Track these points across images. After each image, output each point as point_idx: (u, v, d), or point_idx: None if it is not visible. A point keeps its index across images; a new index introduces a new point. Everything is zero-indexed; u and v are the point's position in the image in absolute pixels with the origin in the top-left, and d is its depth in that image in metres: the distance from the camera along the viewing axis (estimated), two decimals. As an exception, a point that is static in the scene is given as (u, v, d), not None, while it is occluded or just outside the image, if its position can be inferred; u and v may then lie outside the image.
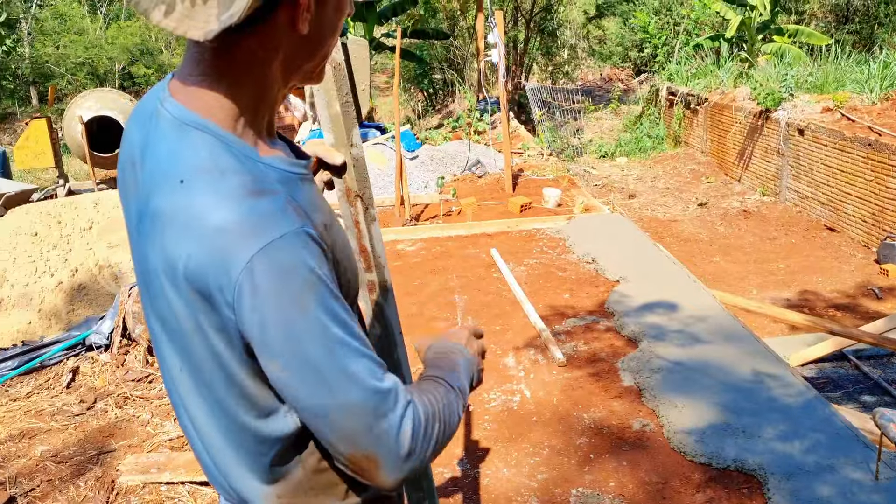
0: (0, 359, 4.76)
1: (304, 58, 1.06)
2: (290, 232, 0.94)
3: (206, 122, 1.00)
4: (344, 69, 1.55)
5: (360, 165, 1.56)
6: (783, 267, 8.41)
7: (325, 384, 0.95)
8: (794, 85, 10.57)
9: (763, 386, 3.57)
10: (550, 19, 18.90)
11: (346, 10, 1.08)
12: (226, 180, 0.95)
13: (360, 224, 1.59)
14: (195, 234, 0.93)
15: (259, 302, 0.92)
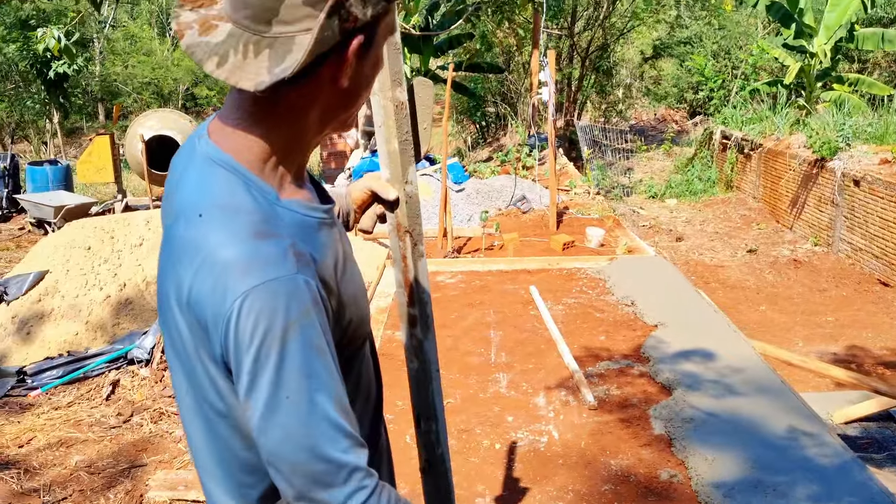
0: (46, 367, 4.93)
1: (341, 109, 1.12)
2: (285, 276, 0.98)
3: (234, 162, 1.06)
4: (406, 109, 1.59)
5: (412, 202, 1.59)
6: (832, 320, 8.20)
7: (279, 434, 0.98)
8: (852, 134, 10.38)
9: (798, 444, 3.48)
10: (606, 58, 18.93)
11: (381, 65, 1.14)
12: (238, 219, 1.01)
13: (407, 259, 1.62)
14: (202, 266, 0.99)
15: (239, 339, 0.96)
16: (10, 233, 10.08)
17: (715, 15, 19.15)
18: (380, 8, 1.01)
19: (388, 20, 1.10)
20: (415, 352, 1.72)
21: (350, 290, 1.17)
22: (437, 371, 1.76)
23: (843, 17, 13.00)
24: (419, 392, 1.74)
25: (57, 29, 9.44)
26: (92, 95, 22.05)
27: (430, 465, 1.79)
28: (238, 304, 0.96)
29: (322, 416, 0.99)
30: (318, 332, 1.01)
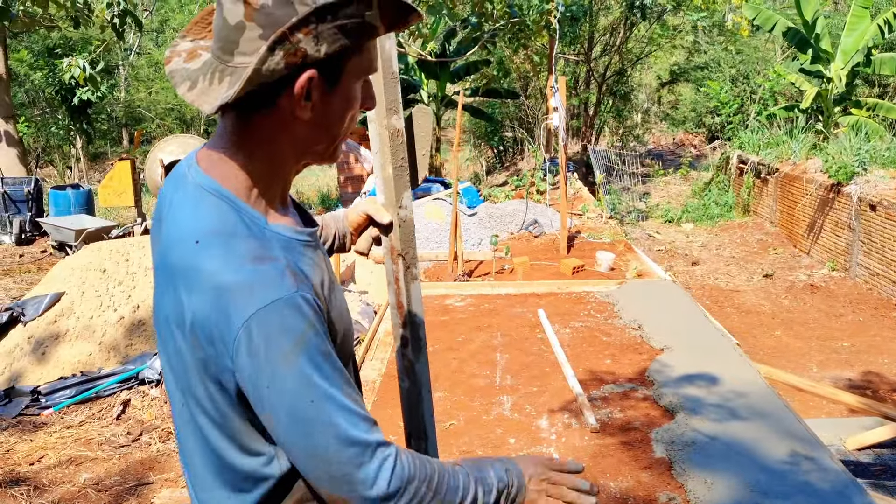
0: (59, 387, 5.02)
1: (312, 142, 1.18)
2: (286, 296, 1.04)
3: (224, 189, 1.13)
4: (402, 136, 1.65)
5: (406, 226, 1.65)
6: (848, 345, 8.12)
7: (308, 434, 1.05)
8: (869, 159, 10.33)
9: (799, 469, 3.46)
10: (624, 83, 19.02)
11: (355, 103, 1.18)
12: (234, 245, 1.07)
13: (399, 281, 1.67)
14: (204, 290, 1.05)
15: (253, 358, 1.03)
16: (33, 255, 10.28)
17: (732, 40, 19.19)
18: (336, 46, 1.06)
19: (362, 60, 1.14)
20: (406, 372, 1.77)
21: (336, 306, 1.23)
22: (429, 392, 1.80)
23: (860, 41, 13.00)
24: (410, 412, 1.79)
25: (82, 58, 9.71)
26: (116, 121, 22.52)
27: None
28: (247, 326, 1.02)
29: (341, 408, 1.06)
30: (323, 339, 1.08)
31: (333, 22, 1.04)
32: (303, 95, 1.09)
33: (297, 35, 1.03)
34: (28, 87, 19.55)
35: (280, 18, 1.03)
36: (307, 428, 1.05)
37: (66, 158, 19.47)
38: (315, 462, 1.06)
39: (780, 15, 14.44)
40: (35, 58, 18.11)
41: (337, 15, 1.04)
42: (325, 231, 1.66)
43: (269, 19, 1.03)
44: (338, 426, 1.05)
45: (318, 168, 20.65)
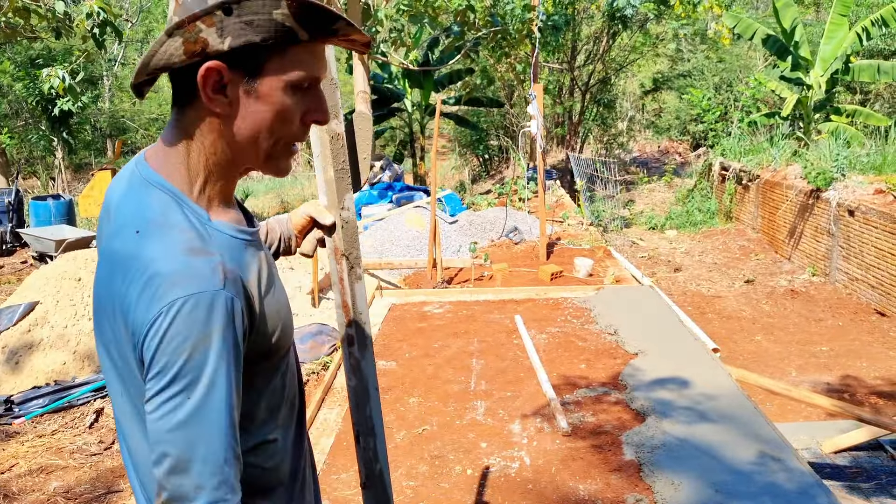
0: (33, 396, 4.99)
1: (241, 143, 1.17)
2: (210, 292, 1.06)
3: (168, 183, 1.15)
4: (342, 140, 1.68)
5: (349, 227, 1.68)
6: (827, 350, 8.17)
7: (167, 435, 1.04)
8: (847, 165, 10.42)
9: (765, 469, 3.48)
10: (607, 91, 19.12)
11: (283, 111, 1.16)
12: (172, 236, 1.09)
13: (343, 281, 1.70)
14: (136, 277, 1.07)
15: (157, 343, 1.04)
16: (13, 266, 10.22)
17: (714, 49, 19.36)
18: (241, 41, 1.07)
19: (287, 65, 1.13)
20: (353, 371, 1.79)
21: (273, 304, 1.24)
22: (376, 389, 1.83)
23: (839, 49, 13.14)
24: (358, 409, 1.81)
25: (62, 69, 9.68)
26: (101, 132, 22.46)
27: (369, 480, 1.84)
28: (163, 311, 1.03)
29: (216, 432, 1.05)
30: (234, 346, 1.08)
31: (240, 17, 1.06)
32: (208, 86, 1.10)
33: (197, 24, 1.05)
34: (11, 99, 19.47)
35: (191, 8, 1.06)
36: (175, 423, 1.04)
37: (49, 169, 19.38)
38: (161, 461, 1.05)
39: (759, 23, 14.58)
40: (17, 69, 18.05)
41: (243, 10, 1.06)
42: (270, 234, 1.67)
43: (184, 10, 1.06)
44: (198, 444, 1.04)
45: (304, 177, 20.64)
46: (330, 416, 4.47)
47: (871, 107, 18.63)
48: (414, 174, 16.73)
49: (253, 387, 1.23)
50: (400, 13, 11.14)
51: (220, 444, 1.05)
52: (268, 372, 1.27)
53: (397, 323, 6.05)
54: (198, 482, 1.04)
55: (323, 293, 6.54)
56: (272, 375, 1.29)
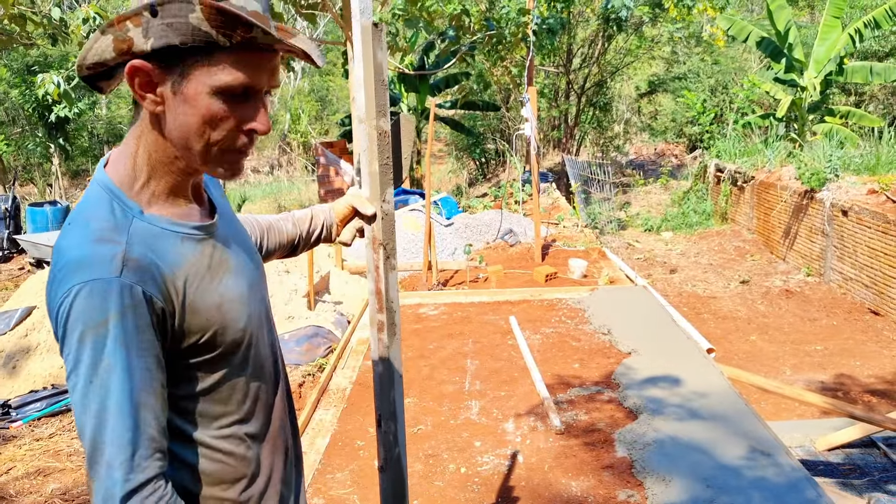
0: (30, 400, 5.03)
1: (178, 141, 1.21)
2: (104, 279, 1.10)
3: (109, 182, 1.22)
4: (388, 137, 1.76)
5: (388, 219, 1.75)
6: (821, 349, 8.22)
7: (83, 412, 1.10)
8: (841, 166, 10.48)
9: (755, 464, 3.52)
10: (603, 94, 19.19)
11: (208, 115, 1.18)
12: (87, 227, 1.15)
13: (379, 269, 1.76)
14: (55, 263, 1.15)
15: (63, 328, 1.11)
16: (10, 273, 10.25)
17: (709, 51, 19.44)
18: (162, 42, 1.12)
19: (214, 71, 1.16)
20: (381, 356, 1.84)
21: (210, 298, 1.26)
22: (401, 376, 1.88)
23: (832, 51, 13.21)
24: (383, 394, 1.86)
25: (57, 74, 9.72)
26: (98, 138, 22.51)
27: (387, 463, 1.89)
28: (65, 297, 1.09)
29: (118, 411, 1.10)
30: (134, 330, 1.12)
31: (162, 19, 1.11)
32: (135, 83, 1.16)
33: (126, 24, 1.12)
34: (7, 106, 19.51)
35: (132, 8, 1.14)
36: (86, 407, 1.10)
37: (46, 176, 19.43)
38: (81, 440, 1.12)
39: (753, 25, 14.65)
40: (14, 75, 18.08)
41: (165, 12, 1.11)
42: (314, 221, 1.77)
43: (132, 8, 1.14)
44: (103, 425, 1.09)
45: (301, 182, 20.68)
46: (325, 416, 4.50)
47: (865, 108, 18.71)
48: (411, 178, 16.78)
49: (195, 380, 1.27)
50: (395, 18, 11.20)
51: (125, 423, 1.10)
52: (214, 366, 1.29)
53: (393, 325, 6.08)
54: (108, 459, 1.09)
55: (318, 296, 6.58)
56: (221, 370, 1.30)
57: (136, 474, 1.11)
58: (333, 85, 30.22)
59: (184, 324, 1.21)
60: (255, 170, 24.67)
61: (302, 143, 25.71)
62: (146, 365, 1.14)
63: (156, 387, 1.15)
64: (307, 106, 27.19)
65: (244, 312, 1.34)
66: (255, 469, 1.39)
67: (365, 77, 1.68)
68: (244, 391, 1.36)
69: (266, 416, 1.43)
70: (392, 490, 1.91)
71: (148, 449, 1.13)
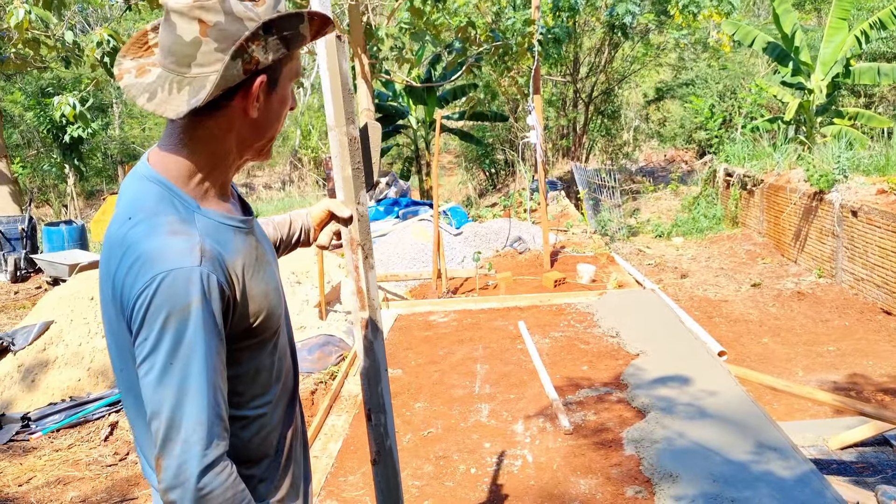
0: (49, 412, 5.12)
1: (254, 138, 1.37)
2: (186, 267, 1.19)
3: (162, 178, 1.31)
4: (358, 143, 1.86)
5: (363, 221, 1.85)
6: (833, 349, 8.20)
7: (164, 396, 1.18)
8: (850, 166, 10.48)
9: (762, 458, 3.55)
10: (611, 102, 19.25)
11: (288, 103, 1.40)
12: (157, 220, 1.24)
13: (358, 269, 1.85)
14: (125, 255, 1.22)
15: (145, 314, 1.18)
16: (28, 292, 10.40)
17: (716, 57, 19.47)
18: (279, 54, 1.28)
19: (292, 66, 1.36)
20: (366, 352, 1.92)
21: (260, 287, 1.38)
22: (386, 370, 1.96)
23: (839, 52, 13.22)
24: (370, 388, 1.93)
25: (72, 96, 9.91)
26: (111, 158, 22.83)
27: (380, 455, 1.95)
28: (147, 285, 1.18)
29: (197, 391, 1.19)
30: (211, 316, 1.21)
31: (277, 34, 1.26)
32: (255, 97, 1.29)
33: (251, 46, 1.24)
34: (23, 128, 19.82)
35: (233, 34, 1.23)
36: (165, 387, 1.17)
37: (61, 197, 19.69)
38: (155, 419, 1.18)
39: (759, 30, 14.69)
40: (28, 98, 18.38)
41: (280, 28, 1.25)
42: (292, 226, 1.86)
43: (223, 34, 1.23)
44: (184, 404, 1.17)
45: (312, 197, 20.84)
46: (338, 422, 4.57)
47: (875, 109, 18.66)
48: (420, 190, 16.89)
49: (240, 363, 1.36)
50: (402, 31, 11.34)
51: (202, 403, 1.18)
52: (254, 350, 1.40)
53: (403, 332, 6.16)
54: (185, 436, 1.17)
55: (330, 306, 6.66)
56: (258, 354, 1.41)
57: (211, 450, 1.19)
58: (343, 100, 30.37)
59: (242, 309, 1.32)
60: (266, 185, 24.88)
61: (312, 158, 25.92)
62: (218, 349, 1.23)
63: (223, 370, 1.25)
64: (317, 122, 27.40)
65: (280, 300, 1.47)
66: (277, 448, 1.48)
67: (332, 86, 1.78)
68: (275, 375, 1.47)
69: (287, 401, 1.54)
70: (386, 482, 1.97)
71: (221, 427, 1.22)
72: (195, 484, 1.17)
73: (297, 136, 27.81)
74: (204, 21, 1.21)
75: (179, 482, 1.17)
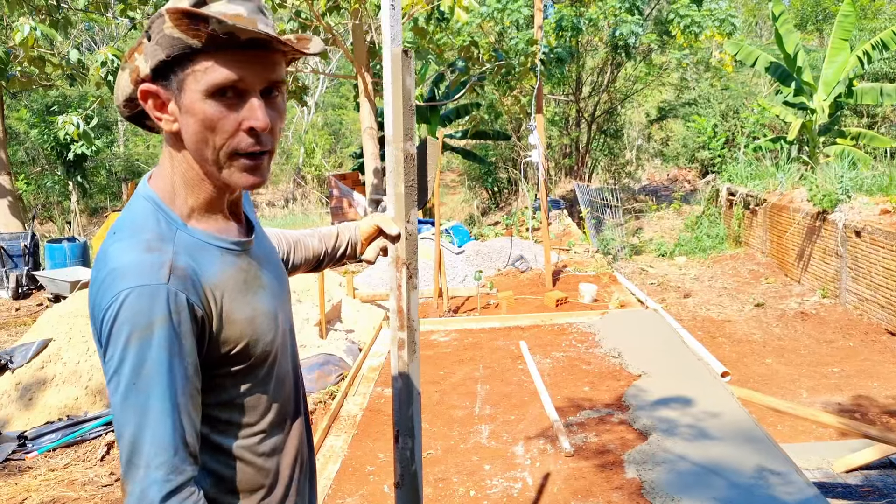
0: (45, 431, 5.08)
1: (194, 152, 1.27)
2: (152, 285, 1.15)
3: (153, 194, 1.29)
4: (414, 160, 1.81)
5: (412, 240, 1.79)
6: (838, 370, 8.13)
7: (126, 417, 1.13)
8: (853, 186, 10.46)
9: (765, 483, 3.50)
10: (614, 121, 19.29)
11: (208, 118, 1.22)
12: (135, 236, 1.21)
13: (401, 288, 1.79)
14: (101, 270, 1.19)
15: (109, 331, 1.14)
16: (29, 309, 10.38)
17: (718, 76, 19.53)
18: (156, 61, 1.20)
19: (199, 75, 1.20)
20: (400, 374, 1.87)
21: (243, 311, 1.31)
22: (419, 393, 1.90)
23: (841, 73, 13.24)
24: (401, 410, 1.88)
25: (76, 115, 9.95)
26: (116, 176, 22.90)
27: (403, 479, 1.91)
28: (112, 301, 1.14)
29: (160, 413, 1.14)
30: (176, 336, 1.16)
31: (152, 40, 1.20)
32: (148, 106, 1.25)
33: (134, 55, 1.22)
34: (28, 146, 19.92)
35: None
36: (126, 409, 1.12)
37: (65, 213, 19.74)
38: (120, 441, 1.14)
39: (761, 50, 14.73)
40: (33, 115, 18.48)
41: (152, 33, 1.20)
42: (339, 238, 1.83)
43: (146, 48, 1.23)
44: (144, 426, 1.12)
45: (315, 214, 20.86)
46: (336, 443, 4.52)
47: (877, 130, 18.67)
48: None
49: (224, 389, 1.31)
50: (404, 50, 11.36)
51: (166, 426, 1.13)
52: (240, 377, 1.33)
53: (404, 352, 6.11)
54: (146, 461, 1.12)
55: (330, 324, 6.62)
56: (247, 381, 1.34)
57: (175, 476, 1.14)
58: (346, 118, 30.59)
59: (219, 333, 1.26)
60: (270, 203, 24.94)
61: (316, 176, 25.99)
62: (186, 370, 1.18)
63: (193, 393, 1.20)
64: (321, 140, 27.52)
65: (272, 328, 1.39)
66: (273, 480, 1.42)
67: (394, 101, 1.71)
68: (267, 404, 1.40)
69: (286, 429, 1.47)
70: None
71: (186, 452, 1.16)
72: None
73: (300, 153, 27.90)
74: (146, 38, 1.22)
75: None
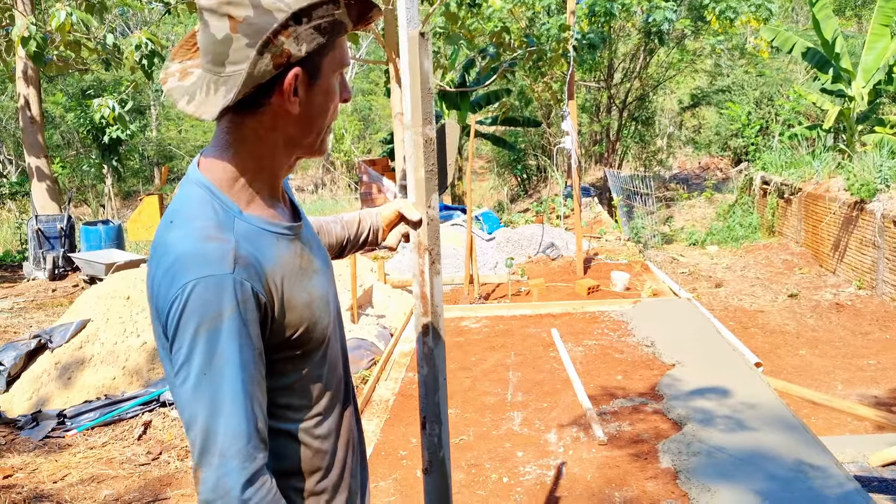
0: (84, 410, 5.17)
1: (301, 134, 1.31)
2: (218, 275, 1.16)
3: (207, 181, 1.28)
4: (433, 144, 1.80)
5: (433, 225, 1.79)
6: (874, 363, 8.00)
7: (199, 406, 1.14)
8: (892, 176, 10.24)
9: (803, 475, 3.46)
10: (645, 108, 19.07)
11: (334, 95, 1.32)
12: (194, 224, 1.21)
13: (424, 274, 1.79)
14: (161, 259, 1.19)
15: (178, 321, 1.15)
16: (65, 290, 10.56)
17: (753, 63, 19.20)
18: (314, 44, 1.21)
19: (335, 55, 1.28)
20: (426, 359, 1.87)
21: (301, 296, 1.32)
22: (445, 379, 1.91)
23: (881, 59, 12.95)
24: (427, 397, 1.88)
25: (112, 98, 10.06)
26: (148, 160, 23.17)
27: (431, 465, 1.91)
28: (179, 292, 1.14)
29: (232, 401, 1.15)
30: (244, 325, 1.17)
31: (309, 23, 1.19)
32: (291, 92, 1.23)
33: (279, 38, 1.17)
34: (63, 129, 20.20)
35: (263, 26, 1.17)
36: (198, 397, 1.14)
37: (99, 197, 20.02)
38: (190, 432, 1.15)
39: (798, 36, 14.45)
40: (69, 99, 18.73)
41: (311, 16, 1.19)
42: (361, 225, 1.82)
43: (253, 28, 1.17)
44: (217, 414, 1.13)
45: (345, 200, 20.94)
46: (369, 427, 4.55)
47: (917, 117, 18.25)
48: (452, 194, 16.87)
49: (283, 374, 1.32)
50: (436, 36, 11.34)
51: (239, 414, 1.15)
52: (299, 361, 1.35)
53: (435, 337, 6.13)
54: (222, 449, 1.13)
55: (362, 309, 6.65)
56: (304, 365, 1.36)
57: (250, 463, 1.15)
58: (376, 104, 30.61)
59: (281, 319, 1.27)
60: (300, 188, 25.07)
61: (345, 161, 26.06)
62: (254, 358, 1.19)
63: (260, 380, 1.21)
64: (350, 125, 27.56)
65: (327, 311, 1.41)
66: (329, 462, 1.43)
67: (411, 85, 1.70)
68: (322, 387, 1.41)
69: (339, 413, 1.48)
70: (437, 493, 1.93)
71: (258, 440, 1.17)
72: (238, 496, 1.13)
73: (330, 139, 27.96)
74: (233, 17, 1.17)
75: (219, 496, 1.13)
